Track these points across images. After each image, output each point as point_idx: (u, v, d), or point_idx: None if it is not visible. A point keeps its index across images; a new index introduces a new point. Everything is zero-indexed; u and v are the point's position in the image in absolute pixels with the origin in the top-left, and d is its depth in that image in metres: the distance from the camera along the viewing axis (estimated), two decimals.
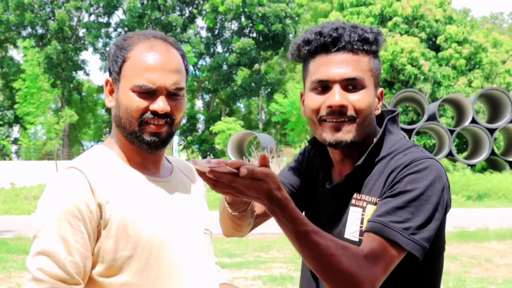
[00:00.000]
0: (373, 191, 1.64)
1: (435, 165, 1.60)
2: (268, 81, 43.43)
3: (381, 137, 1.71)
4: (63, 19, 40.34)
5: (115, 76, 1.74)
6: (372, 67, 1.66)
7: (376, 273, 1.49)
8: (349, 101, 1.63)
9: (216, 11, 41.04)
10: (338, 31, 1.63)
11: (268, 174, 1.39)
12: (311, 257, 1.47)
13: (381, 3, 33.03)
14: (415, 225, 1.53)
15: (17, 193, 20.11)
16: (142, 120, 1.69)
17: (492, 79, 31.66)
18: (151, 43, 1.73)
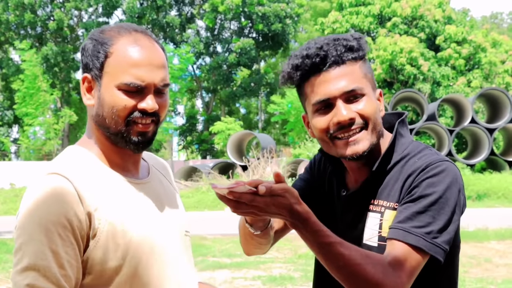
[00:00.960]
0: (390, 196, 1.66)
1: (451, 167, 1.62)
2: (268, 81, 43.42)
3: (393, 141, 1.72)
4: (62, 19, 40.31)
5: (96, 73, 1.61)
6: (366, 72, 1.67)
7: (403, 279, 1.51)
8: (355, 111, 1.64)
9: (215, 11, 41.03)
10: (323, 49, 1.63)
11: (287, 190, 1.40)
12: (336, 268, 1.50)
13: (380, 3, 33.04)
14: (436, 228, 1.55)
15: (17, 193, 20.12)
16: (130, 119, 1.59)
17: (492, 79, 31.67)
18: (134, 37, 1.62)
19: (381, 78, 31.12)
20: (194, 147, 45.58)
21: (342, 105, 1.63)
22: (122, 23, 1.71)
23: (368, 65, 1.70)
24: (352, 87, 1.63)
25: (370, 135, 1.66)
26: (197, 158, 42.47)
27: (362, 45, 1.67)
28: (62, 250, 1.48)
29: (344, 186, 1.80)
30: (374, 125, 1.66)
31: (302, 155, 23.58)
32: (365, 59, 1.70)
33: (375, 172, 1.70)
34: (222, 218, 14.71)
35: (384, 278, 1.48)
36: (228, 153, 24.34)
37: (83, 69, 1.66)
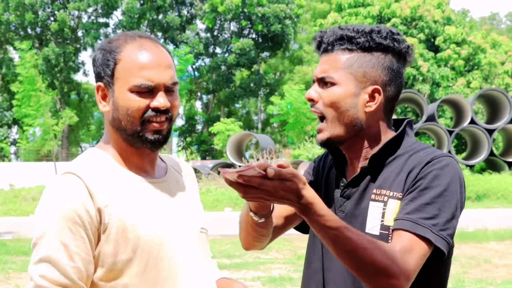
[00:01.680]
0: (394, 186, 1.68)
1: (454, 163, 1.67)
2: (268, 82, 43.43)
3: (400, 136, 1.76)
4: (64, 20, 40.32)
5: (108, 80, 1.71)
6: (353, 64, 1.71)
7: (410, 266, 1.53)
8: (319, 95, 1.74)
9: (215, 11, 41.03)
10: (321, 35, 1.78)
11: (295, 175, 1.42)
12: (344, 252, 1.51)
13: (379, 4, 33.03)
14: (442, 221, 1.59)
15: (16, 194, 20.12)
16: (144, 119, 1.68)
17: (491, 80, 31.69)
18: (140, 43, 1.72)
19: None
20: (193, 148, 45.58)
21: (314, 86, 1.77)
22: (128, 31, 1.81)
23: (368, 59, 1.71)
24: (323, 75, 1.73)
25: (330, 127, 1.74)
26: (197, 159, 42.44)
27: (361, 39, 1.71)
28: (72, 243, 1.59)
29: (341, 177, 1.83)
30: (335, 116, 1.72)
31: (301, 156, 23.57)
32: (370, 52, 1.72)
33: (375, 159, 1.73)
34: (221, 219, 14.71)
35: (392, 264, 1.50)
36: (228, 153, 24.33)
37: (96, 79, 1.76)
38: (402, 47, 1.73)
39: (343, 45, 1.71)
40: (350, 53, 1.71)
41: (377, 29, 1.72)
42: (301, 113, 30.65)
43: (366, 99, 1.72)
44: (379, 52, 1.71)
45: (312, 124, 29.69)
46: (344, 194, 1.78)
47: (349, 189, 1.78)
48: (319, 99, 1.73)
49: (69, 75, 43.17)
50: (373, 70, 1.71)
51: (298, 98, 30.95)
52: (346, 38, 1.71)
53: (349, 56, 1.71)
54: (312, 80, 1.79)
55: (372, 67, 1.71)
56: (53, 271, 1.57)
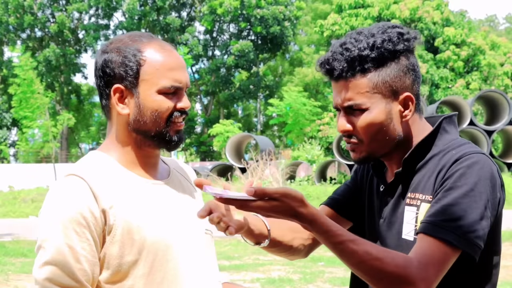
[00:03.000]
0: (426, 189, 1.62)
1: (485, 160, 1.58)
2: (267, 84, 43.43)
3: (433, 135, 1.69)
4: (64, 21, 40.32)
5: (132, 82, 1.69)
6: (377, 82, 1.62)
7: (430, 272, 1.47)
8: (353, 123, 1.66)
9: (214, 13, 41.05)
10: (329, 63, 1.64)
11: (284, 194, 1.39)
12: (353, 265, 1.48)
13: (379, 6, 33.07)
14: (468, 223, 1.50)
15: (15, 196, 20.08)
16: (170, 120, 1.71)
17: (490, 81, 31.70)
18: (158, 44, 1.73)
19: None
20: (193, 149, 45.58)
21: (341, 116, 1.68)
22: (132, 32, 1.80)
23: (388, 72, 1.62)
24: (349, 103, 1.64)
25: (366, 149, 1.68)
26: (196, 160, 42.45)
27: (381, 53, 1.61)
28: (78, 245, 1.58)
29: (383, 182, 1.78)
30: (372, 139, 1.65)
31: (301, 157, 23.58)
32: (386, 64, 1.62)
33: (409, 162, 1.68)
34: None
35: (405, 271, 1.45)
36: (227, 155, 24.33)
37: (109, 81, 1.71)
38: (412, 43, 1.65)
39: (357, 68, 1.61)
40: (368, 74, 1.61)
41: (386, 37, 1.61)
42: (300, 115, 30.66)
43: (401, 109, 1.66)
44: (394, 59, 1.63)
45: (311, 125, 29.71)
46: (383, 199, 1.75)
47: (387, 194, 1.74)
48: (353, 128, 1.66)
49: (69, 77, 43.17)
50: (397, 79, 1.63)
51: (297, 99, 30.96)
52: (360, 59, 1.60)
53: (369, 77, 1.61)
54: (334, 107, 1.71)
55: (395, 76, 1.63)
56: (59, 274, 1.55)
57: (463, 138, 1.73)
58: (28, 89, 25.34)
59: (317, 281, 7.86)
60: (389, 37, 1.61)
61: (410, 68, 1.65)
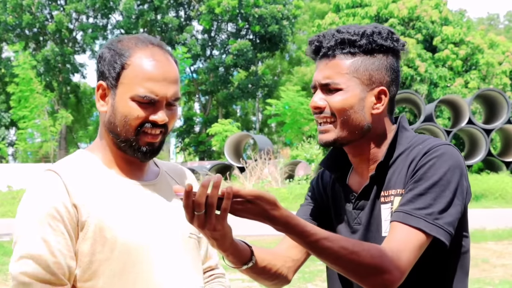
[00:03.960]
0: (397, 184, 1.68)
1: (453, 151, 1.64)
2: (265, 83, 43.42)
3: (396, 134, 1.75)
4: (61, 20, 40.27)
5: (112, 82, 1.70)
6: (358, 68, 1.69)
7: (402, 259, 1.52)
8: (327, 102, 1.71)
9: (212, 13, 41.02)
10: (319, 39, 1.72)
11: (257, 196, 1.39)
12: (331, 262, 1.51)
13: (377, 5, 33.05)
14: (437, 210, 1.56)
15: (14, 196, 20.07)
16: (140, 129, 1.67)
17: (489, 80, 31.70)
18: (151, 51, 1.70)
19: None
20: (191, 149, 45.57)
21: (317, 93, 1.73)
22: (140, 34, 1.81)
23: (372, 61, 1.70)
24: (327, 81, 1.70)
25: (337, 129, 1.71)
26: (195, 159, 42.45)
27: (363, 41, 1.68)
28: (53, 239, 1.59)
29: (350, 191, 1.80)
30: (344, 120, 1.69)
31: (299, 156, 23.58)
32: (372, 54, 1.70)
33: (382, 165, 1.72)
34: None
35: (382, 261, 1.49)
36: (226, 154, 24.33)
37: (99, 77, 1.75)
38: (400, 46, 1.73)
39: (345, 49, 1.69)
40: (353, 57, 1.69)
41: (377, 30, 1.70)
42: (298, 114, 30.67)
43: (373, 101, 1.71)
44: (381, 53, 1.70)
45: (310, 124, 29.70)
46: (357, 206, 1.76)
47: (361, 200, 1.76)
48: (326, 106, 1.71)
49: (68, 76, 43.13)
50: (378, 72, 1.70)
51: (295, 98, 30.96)
52: (348, 42, 1.68)
53: (353, 60, 1.69)
54: (312, 86, 1.76)
55: (377, 69, 1.70)
56: (35, 267, 1.56)
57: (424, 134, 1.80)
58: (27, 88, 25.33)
59: (316, 280, 7.86)
60: (379, 31, 1.70)
61: (393, 68, 1.73)
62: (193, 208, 1.38)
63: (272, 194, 1.42)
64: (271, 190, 17.99)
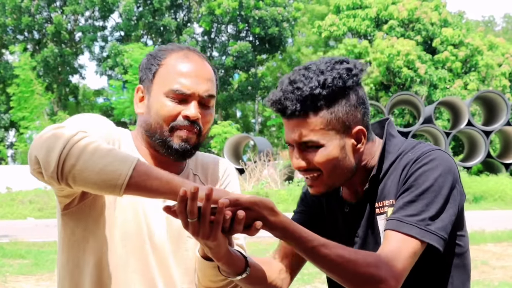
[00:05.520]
0: (390, 194, 1.68)
1: (443, 156, 1.63)
2: (265, 85, 43.41)
3: (385, 144, 1.73)
4: (61, 22, 40.25)
5: (148, 83, 1.74)
6: (330, 119, 1.63)
7: (397, 267, 1.52)
8: (307, 160, 1.66)
9: (212, 14, 41.03)
10: (281, 102, 1.63)
11: (255, 203, 1.40)
12: (327, 269, 1.51)
13: (377, 6, 33.09)
14: (429, 216, 1.56)
15: (13, 197, 20.03)
16: (173, 126, 1.69)
17: (488, 81, 31.72)
18: (186, 53, 1.76)
19: (378, 81, 31.17)
20: None
21: (295, 153, 1.68)
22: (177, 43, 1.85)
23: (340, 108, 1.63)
24: (304, 140, 1.64)
25: (326, 180, 1.68)
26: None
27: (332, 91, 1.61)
28: None
29: (343, 202, 1.80)
30: (330, 172, 1.66)
31: None
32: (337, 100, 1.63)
33: (374, 177, 1.71)
34: None
35: (377, 270, 1.49)
36: (225, 156, 24.33)
37: (139, 81, 1.82)
38: (360, 77, 1.66)
39: (310, 106, 1.61)
40: (320, 111, 1.61)
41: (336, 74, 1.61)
42: None
43: (354, 143, 1.68)
44: (345, 96, 1.64)
45: None
46: (353, 219, 1.76)
47: (356, 212, 1.75)
48: (308, 164, 1.66)
49: (67, 78, 43.11)
50: (349, 114, 1.65)
51: None
52: (311, 99, 1.60)
53: (321, 114, 1.62)
54: (286, 142, 1.71)
55: (347, 112, 1.64)
56: None
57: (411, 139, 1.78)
58: (27, 89, 25.34)
59: (314, 282, 7.86)
60: (338, 74, 1.61)
61: (360, 102, 1.66)
62: (186, 215, 1.38)
63: (269, 199, 1.42)
64: (270, 192, 17.98)
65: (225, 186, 1.89)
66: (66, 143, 1.41)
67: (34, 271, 8.64)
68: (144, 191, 1.44)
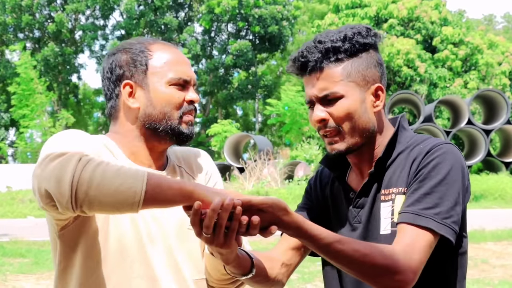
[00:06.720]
0: (399, 183, 1.69)
1: (454, 150, 1.66)
2: (265, 83, 43.40)
3: (396, 133, 1.76)
4: (62, 21, 40.22)
5: (140, 77, 1.75)
6: (350, 71, 1.69)
7: (414, 259, 1.53)
8: (329, 113, 1.70)
9: (212, 13, 41.02)
10: (303, 55, 1.70)
11: (269, 204, 1.41)
12: (344, 264, 1.53)
13: (376, 5, 33.06)
14: (445, 209, 1.58)
15: (13, 196, 20.04)
16: (182, 112, 1.75)
17: (488, 80, 31.71)
18: (162, 43, 1.80)
19: None
20: None
21: (317, 107, 1.72)
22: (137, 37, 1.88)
23: (361, 61, 1.71)
24: (325, 93, 1.69)
25: (346, 138, 1.71)
26: None
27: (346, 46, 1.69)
28: None
29: (350, 189, 1.81)
30: (351, 126, 1.70)
31: (299, 157, 23.57)
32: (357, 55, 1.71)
33: (381, 160, 1.73)
34: None
35: (393, 262, 1.51)
36: (225, 155, 24.33)
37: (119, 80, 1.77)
38: (379, 39, 1.75)
39: (332, 57, 1.68)
40: (341, 63, 1.69)
41: (356, 30, 1.70)
42: (298, 114, 30.67)
43: (372, 100, 1.73)
44: (365, 52, 1.72)
45: (309, 125, 29.68)
46: (357, 204, 1.77)
47: (361, 198, 1.76)
48: (329, 117, 1.70)
49: (68, 77, 43.10)
50: (369, 70, 1.71)
51: (295, 99, 30.96)
52: (333, 50, 1.68)
53: (342, 66, 1.69)
54: (307, 102, 1.75)
55: (367, 68, 1.71)
56: None
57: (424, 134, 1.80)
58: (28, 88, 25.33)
59: (315, 281, 7.86)
60: (358, 31, 1.70)
61: (378, 62, 1.75)
62: (200, 226, 1.40)
63: (281, 199, 1.43)
64: (270, 191, 17.99)
65: (210, 176, 1.92)
66: (74, 171, 1.40)
67: (34, 270, 8.65)
68: (160, 203, 1.45)
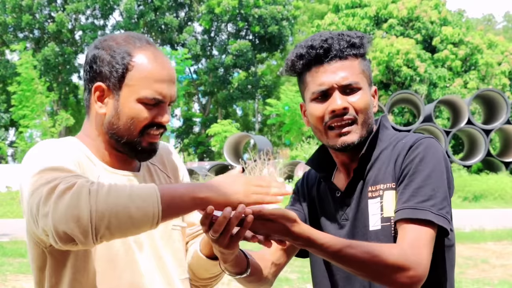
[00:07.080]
0: (385, 178, 1.70)
1: (436, 144, 1.69)
2: (265, 83, 43.41)
3: (378, 131, 1.79)
4: (63, 21, 40.22)
5: (114, 84, 1.65)
6: (364, 69, 1.75)
7: (424, 256, 1.55)
8: (349, 103, 1.71)
9: (212, 13, 41.03)
10: (327, 42, 1.72)
11: (279, 216, 1.44)
12: (356, 268, 1.54)
13: (376, 5, 33.08)
14: (439, 200, 1.61)
15: (13, 196, 20.06)
16: (144, 131, 1.66)
17: (488, 80, 31.73)
18: (152, 52, 1.68)
19: (378, 80, 31.15)
20: (191, 149, 45.53)
21: (338, 95, 1.71)
22: (131, 32, 1.76)
23: (366, 62, 1.78)
24: (349, 81, 1.71)
25: (360, 129, 1.73)
26: (194, 160, 42.38)
27: (364, 43, 1.75)
28: None
29: (336, 189, 1.82)
30: (365, 119, 1.73)
31: (298, 157, 23.58)
32: (365, 57, 1.78)
33: (363, 158, 1.75)
34: None
35: (406, 260, 1.52)
36: (225, 155, 24.34)
37: (93, 78, 1.69)
38: None
39: (354, 51, 1.73)
40: (357, 59, 1.74)
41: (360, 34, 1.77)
42: (298, 114, 30.67)
43: (373, 99, 1.79)
44: (364, 54, 1.78)
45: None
46: (343, 202, 1.79)
47: (347, 196, 1.78)
48: (350, 106, 1.71)
49: (68, 77, 43.09)
50: (370, 72, 1.79)
51: (294, 99, 30.97)
52: (356, 45, 1.73)
53: (358, 61, 1.74)
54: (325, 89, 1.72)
55: (369, 69, 1.78)
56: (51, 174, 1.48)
57: None
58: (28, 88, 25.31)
59: None
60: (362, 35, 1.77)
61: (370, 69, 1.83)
62: (209, 227, 1.44)
63: (291, 211, 1.45)
64: None
65: (180, 171, 1.92)
66: (90, 206, 1.37)
67: None
68: (175, 215, 1.48)
